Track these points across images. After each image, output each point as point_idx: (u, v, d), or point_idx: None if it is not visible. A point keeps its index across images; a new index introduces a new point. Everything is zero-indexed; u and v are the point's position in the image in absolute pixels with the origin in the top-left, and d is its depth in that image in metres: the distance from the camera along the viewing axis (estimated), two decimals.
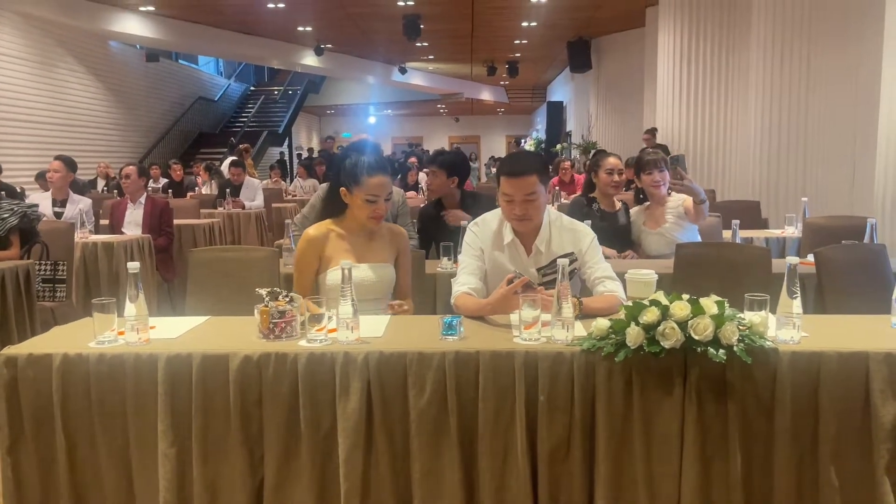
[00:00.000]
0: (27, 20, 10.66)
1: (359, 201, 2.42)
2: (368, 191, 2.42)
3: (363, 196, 2.41)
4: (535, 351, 1.92)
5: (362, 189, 2.42)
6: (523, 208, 2.44)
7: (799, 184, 7.03)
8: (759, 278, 2.94)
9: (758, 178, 7.21)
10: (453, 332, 2.02)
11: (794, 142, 7.01)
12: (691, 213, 3.65)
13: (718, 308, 1.86)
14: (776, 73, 7.01)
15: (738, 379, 1.86)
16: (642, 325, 1.86)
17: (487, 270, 2.56)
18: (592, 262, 2.50)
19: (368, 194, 2.41)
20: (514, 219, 2.48)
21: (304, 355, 1.94)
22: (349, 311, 1.99)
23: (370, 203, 2.44)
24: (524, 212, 2.44)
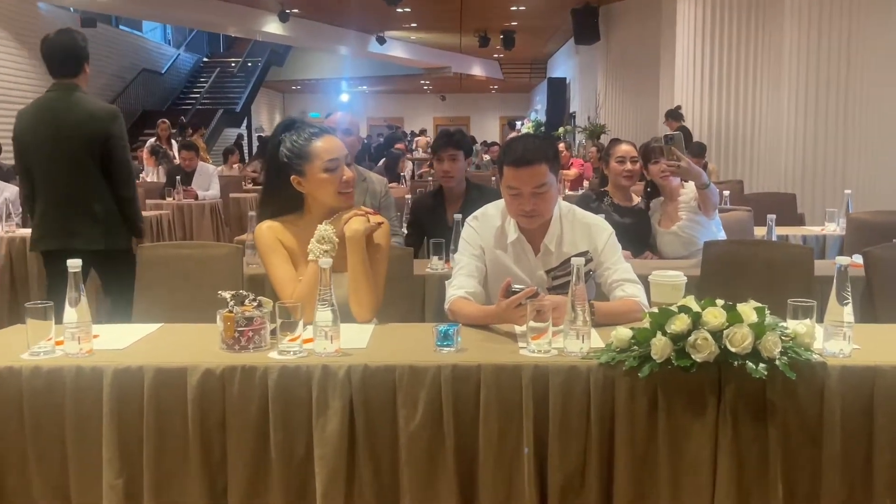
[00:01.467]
0: None
1: (317, 178, 2.36)
2: (322, 156, 2.36)
3: (319, 167, 2.36)
4: (545, 365, 1.92)
5: (314, 160, 2.36)
6: (532, 203, 2.43)
7: (839, 174, 7.09)
8: (800, 282, 2.96)
9: (792, 167, 7.27)
10: (449, 342, 2.02)
11: (834, 126, 7.08)
12: (702, 205, 3.66)
13: (758, 316, 1.86)
14: (813, 47, 7.06)
15: (780, 398, 1.86)
16: (670, 334, 1.86)
17: (488, 272, 2.56)
18: (610, 261, 2.50)
19: (324, 161, 2.36)
20: (520, 215, 2.47)
21: (276, 369, 1.93)
22: (328, 318, 1.98)
23: (331, 172, 2.37)
24: (533, 207, 2.44)
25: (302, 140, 2.38)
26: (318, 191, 2.39)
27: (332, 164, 2.38)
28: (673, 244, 3.81)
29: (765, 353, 1.83)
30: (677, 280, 2.26)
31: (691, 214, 3.76)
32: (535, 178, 2.41)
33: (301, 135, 2.39)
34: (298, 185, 2.39)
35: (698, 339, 1.84)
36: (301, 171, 2.37)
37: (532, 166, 2.40)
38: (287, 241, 2.42)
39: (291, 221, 2.45)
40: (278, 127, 2.47)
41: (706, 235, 3.72)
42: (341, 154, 2.41)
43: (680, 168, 3.42)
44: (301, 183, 2.39)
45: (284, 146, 2.39)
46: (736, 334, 1.83)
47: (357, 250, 2.35)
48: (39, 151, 3.62)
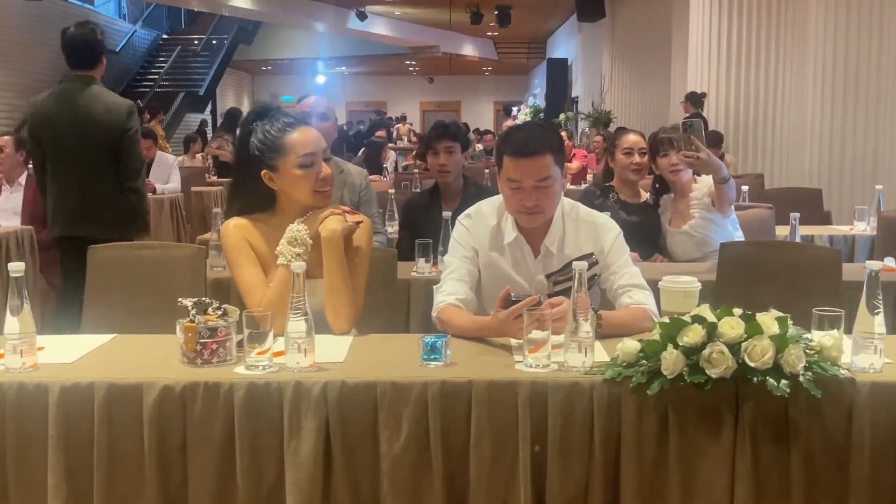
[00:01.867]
0: None
1: (291, 175, 2.36)
2: (297, 150, 2.35)
3: (294, 162, 2.35)
4: (543, 381, 1.92)
5: (288, 153, 2.35)
6: (534, 198, 2.43)
7: (870, 167, 7.13)
8: (827, 288, 2.98)
9: (817, 159, 7.31)
10: (437, 355, 2.02)
11: (864, 113, 7.11)
12: (717, 201, 3.66)
13: (780, 326, 1.87)
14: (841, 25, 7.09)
15: (804, 417, 1.87)
16: (682, 347, 1.87)
17: (482, 277, 2.56)
18: (617, 265, 2.51)
19: (299, 155, 2.35)
20: (522, 211, 2.48)
21: (243, 386, 1.92)
22: (301, 329, 1.98)
23: (307, 168, 2.37)
24: (535, 203, 2.44)
25: (275, 131, 2.37)
26: (292, 188, 2.39)
27: (309, 160, 2.37)
28: (685, 245, 3.83)
29: (787, 369, 1.84)
30: (690, 287, 2.26)
31: (704, 212, 3.77)
32: (539, 170, 2.41)
33: (274, 125, 2.38)
34: (270, 180, 2.38)
35: (713, 352, 1.85)
36: (273, 165, 2.36)
37: (535, 157, 2.41)
38: (256, 241, 2.42)
39: (261, 220, 2.44)
40: (249, 114, 2.46)
41: (721, 235, 3.73)
42: (318, 148, 2.41)
43: (699, 160, 3.36)
44: (273, 178, 2.38)
45: (255, 137, 2.38)
46: (755, 347, 1.84)
47: (334, 253, 2.34)
48: (57, 141, 4.05)
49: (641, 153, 3.94)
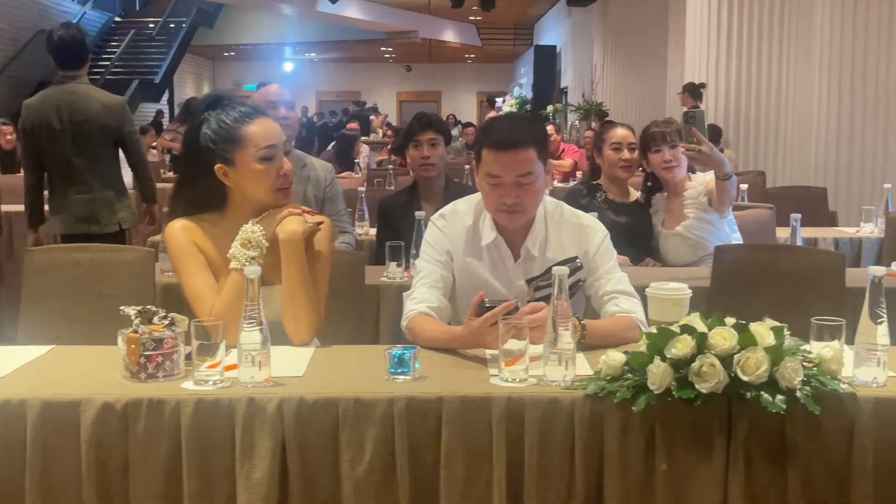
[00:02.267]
0: None
1: (250, 170, 2.34)
2: (257, 142, 2.34)
3: (253, 156, 2.33)
4: (520, 396, 1.92)
5: (247, 146, 2.33)
6: (515, 195, 2.44)
7: (879, 165, 7.18)
8: (830, 295, 3.00)
9: (823, 156, 7.35)
10: (405, 369, 2.01)
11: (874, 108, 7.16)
12: (715, 198, 3.68)
13: (776, 337, 1.88)
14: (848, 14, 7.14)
15: (801, 435, 1.88)
16: (671, 360, 1.87)
17: (456, 283, 2.56)
18: (603, 269, 2.52)
19: (259, 148, 2.34)
20: (501, 209, 2.48)
21: (191, 403, 1.91)
22: (256, 340, 1.97)
23: (267, 163, 2.35)
24: (516, 200, 2.44)
25: (231, 121, 2.36)
26: (250, 184, 2.37)
27: (270, 153, 2.36)
28: (678, 248, 3.84)
29: (783, 383, 1.85)
30: (679, 294, 2.27)
31: (700, 212, 3.79)
32: (521, 164, 2.42)
33: (230, 114, 2.37)
34: (224, 175, 2.36)
35: (704, 365, 1.85)
36: (229, 158, 2.35)
37: (517, 150, 2.42)
38: (205, 244, 2.40)
39: (211, 221, 2.43)
40: (201, 104, 2.44)
41: (718, 237, 3.75)
42: (279, 141, 2.40)
43: (701, 154, 3.39)
44: (228, 174, 2.36)
45: (208, 127, 2.37)
46: (749, 360, 1.84)
47: (294, 257, 2.33)
48: (54, 141, 4.54)
49: (631, 148, 3.95)
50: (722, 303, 2.91)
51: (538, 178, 2.45)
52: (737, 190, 3.92)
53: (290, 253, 2.33)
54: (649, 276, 2.86)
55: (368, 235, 4.59)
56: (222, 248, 2.37)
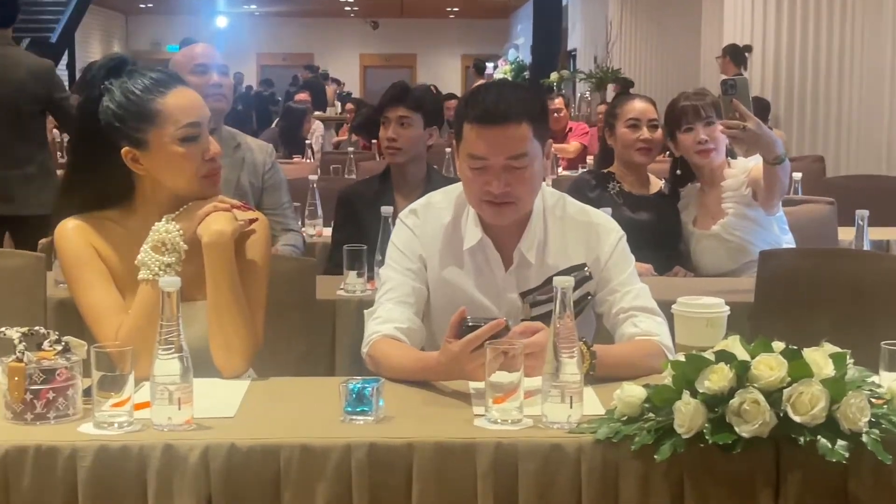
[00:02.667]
0: None
1: (167, 153, 2.33)
2: (177, 118, 2.33)
3: (172, 135, 2.32)
4: (512, 442, 1.92)
5: (164, 124, 2.32)
6: (504, 182, 2.43)
7: None
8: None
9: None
10: (366, 407, 2.01)
11: None
12: (762, 189, 3.66)
13: (836, 367, 1.87)
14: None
15: (868, 491, 1.87)
16: (703, 396, 1.87)
17: (432, 297, 2.56)
18: (618, 280, 2.53)
19: (179, 126, 2.33)
20: (486, 200, 2.47)
21: (90, 451, 1.89)
22: (174, 370, 1.96)
23: (190, 144, 2.34)
24: (506, 189, 2.44)
25: (142, 91, 2.35)
26: (166, 172, 2.37)
27: (193, 132, 2.35)
28: (714, 252, 3.86)
29: (846, 425, 1.84)
30: (714, 312, 2.25)
31: (742, 207, 3.80)
32: (511, 143, 2.42)
33: (140, 82, 2.36)
34: (133, 161, 2.36)
35: (746, 402, 1.84)
36: (139, 139, 2.34)
37: (507, 125, 2.42)
38: (107, 248, 2.39)
39: (115, 218, 2.42)
40: (100, 69, 2.42)
41: (764, 240, 3.76)
42: (204, 116, 2.40)
43: (746, 132, 3.32)
44: (138, 158, 2.35)
45: (112, 99, 2.35)
46: (802, 396, 1.83)
47: (221, 265, 2.32)
48: None
49: (651, 126, 3.96)
50: (768, 323, 2.91)
51: (534, 162, 2.45)
52: (789, 180, 3.93)
53: (216, 260, 2.32)
54: (677, 288, 2.86)
55: (322, 236, 4.58)
56: (129, 253, 2.36)
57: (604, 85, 14.04)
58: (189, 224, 2.34)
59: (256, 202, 3.81)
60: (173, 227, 2.32)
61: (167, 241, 2.31)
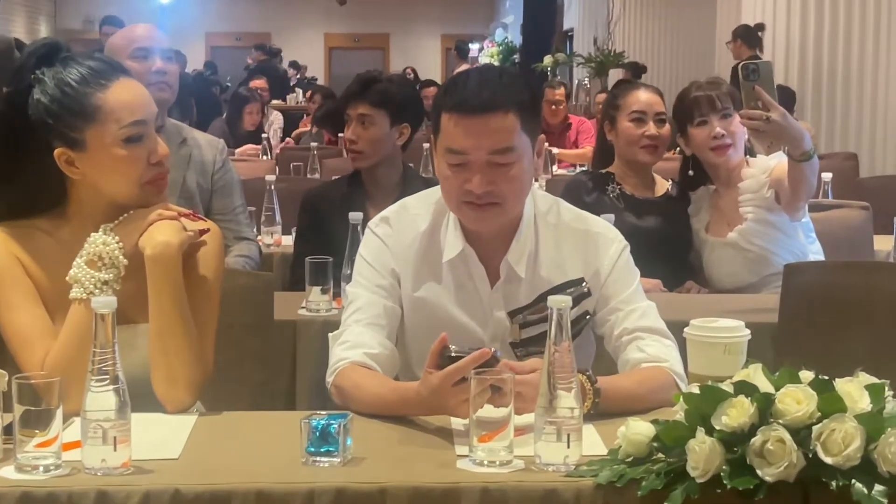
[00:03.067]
0: None
1: (109, 155, 2.33)
2: (119, 117, 2.33)
3: (114, 135, 2.32)
4: (500, 487, 1.91)
5: (105, 121, 2.32)
6: (487, 181, 2.43)
7: None
8: None
9: None
10: (332, 447, 2.00)
11: None
12: (786, 190, 3.67)
13: (873, 399, 1.87)
14: None
15: None
16: (721, 433, 1.86)
17: (406, 318, 2.56)
18: (620, 297, 2.53)
19: (123, 124, 2.33)
20: (467, 203, 2.47)
21: (11, 500, 1.88)
22: (109, 404, 1.95)
23: (134, 145, 2.34)
24: (489, 187, 2.44)
25: (78, 83, 2.35)
26: (106, 176, 2.37)
27: (137, 131, 2.36)
28: (731, 264, 3.87)
29: (884, 467, 1.83)
30: (733, 336, 2.25)
31: (763, 212, 3.81)
32: (496, 135, 2.42)
33: (76, 72, 2.36)
34: (68, 164, 2.36)
35: (769, 441, 1.84)
36: (76, 139, 2.34)
37: (491, 114, 2.42)
38: (34, 263, 2.39)
39: (43, 228, 2.42)
40: (29, 56, 2.42)
41: (789, 250, 3.78)
42: (150, 112, 2.41)
43: (770, 123, 3.30)
44: (73, 161, 2.35)
45: (43, 93, 2.35)
46: (834, 433, 1.83)
47: (166, 282, 2.32)
48: None
49: (658, 120, 3.98)
50: (795, 347, 2.92)
51: (522, 159, 2.45)
52: (818, 180, 3.93)
53: (160, 276, 2.31)
54: (690, 307, 2.87)
55: (281, 246, 4.58)
56: (60, 267, 2.35)
57: (605, 70, 14.07)
58: (130, 235, 2.33)
59: (205, 206, 3.81)
60: (111, 240, 2.31)
61: (104, 254, 2.30)
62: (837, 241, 4.06)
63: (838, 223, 4.21)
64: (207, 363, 2.39)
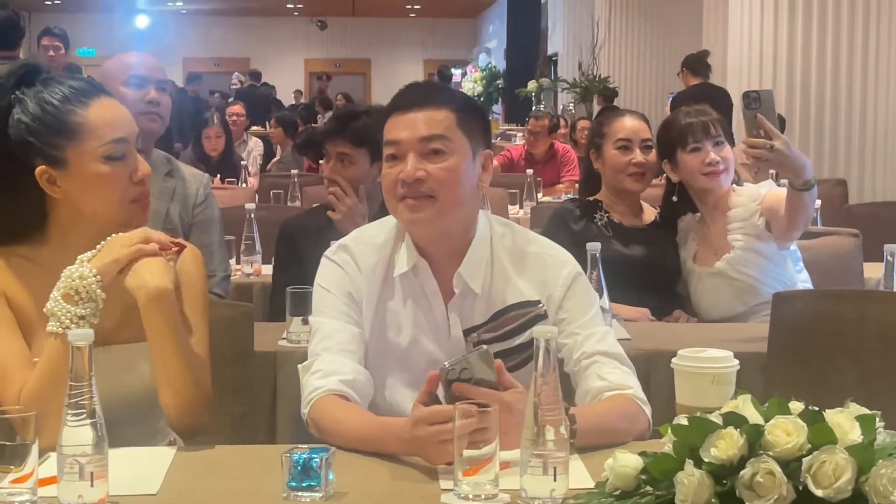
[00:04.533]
0: None
1: (90, 173, 2.35)
2: (102, 134, 2.35)
3: (96, 152, 2.34)
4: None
5: (87, 139, 2.34)
6: (419, 166, 2.47)
7: None
8: None
9: None
10: (314, 481, 2.00)
11: None
12: (780, 218, 3.69)
13: (864, 430, 1.87)
14: None
15: None
16: (710, 465, 1.86)
17: (368, 337, 2.57)
18: (578, 323, 2.55)
19: (105, 142, 2.35)
20: (402, 200, 2.50)
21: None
22: (86, 439, 1.94)
23: (116, 162, 2.36)
24: (419, 173, 2.46)
25: (60, 101, 2.36)
26: (88, 195, 2.38)
27: (119, 148, 2.37)
28: (718, 294, 3.88)
29: (875, 499, 1.83)
30: (721, 367, 2.26)
31: (752, 240, 3.83)
32: (428, 124, 2.49)
33: (57, 91, 2.37)
34: (49, 183, 2.36)
35: (759, 473, 1.83)
36: (57, 158, 2.35)
37: (426, 108, 2.51)
38: (14, 289, 2.39)
39: (23, 252, 2.42)
40: (9, 77, 2.41)
41: (776, 279, 3.79)
42: (131, 131, 2.42)
43: (773, 152, 3.32)
44: (55, 179, 2.36)
45: (24, 113, 2.35)
46: (825, 465, 1.83)
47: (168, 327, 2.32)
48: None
49: (645, 147, 3.99)
50: (784, 378, 2.92)
51: (456, 155, 2.49)
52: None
53: (161, 322, 2.31)
54: (678, 338, 2.87)
55: (261, 275, 4.56)
56: (40, 293, 2.35)
57: (590, 95, 14.11)
58: (109, 268, 2.31)
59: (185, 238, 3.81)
60: (88, 272, 2.29)
61: (81, 289, 2.28)
62: (827, 268, 4.07)
63: (828, 251, 4.22)
64: (208, 385, 2.42)
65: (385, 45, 29.43)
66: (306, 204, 6.46)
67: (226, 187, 7.65)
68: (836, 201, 6.20)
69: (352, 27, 29.02)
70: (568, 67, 17.24)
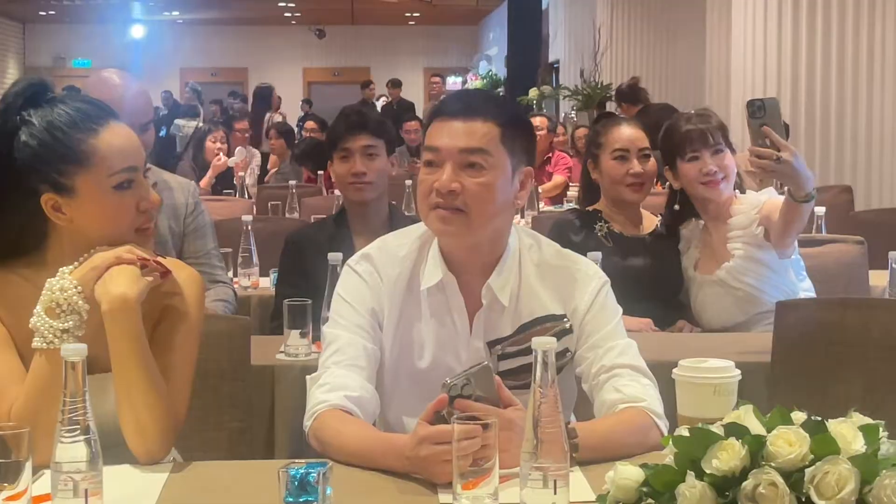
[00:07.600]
0: None
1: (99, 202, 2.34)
2: (111, 163, 2.33)
3: (106, 181, 2.33)
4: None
5: (97, 166, 2.32)
6: (455, 177, 2.46)
7: None
8: None
9: None
10: (311, 496, 1.98)
11: None
12: (778, 228, 3.68)
13: (867, 440, 1.87)
14: None
15: None
16: (711, 477, 1.86)
17: (386, 356, 2.56)
18: (600, 334, 2.54)
19: (115, 170, 2.34)
20: (434, 210, 2.49)
21: None
22: (80, 455, 1.94)
23: (125, 190, 2.35)
24: (454, 185, 2.45)
25: (69, 126, 2.34)
26: (96, 223, 2.36)
27: (128, 177, 2.37)
28: (719, 302, 3.88)
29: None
30: (723, 377, 2.25)
31: (752, 249, 3.83)
32: (471, 136, 2.48)
33: (66, 115, 2.35)
34: (55, 210, 2.35)
35: (761, 484, 1.83)
36: (65, 185, 2.33)
37: (471, 119, 2.50)
38: (8, 308, 2.38)
39: (21, 273, 2.41)
40: (16, 97, 2.39)
41: (777, 288, 3.80)
42: (140, 159, 2.42)
43: (780, 163, 3.29)
44: (61, 207, 2.34)
45: (31, 137, 2.34)
46: (828, 476, 1.82)
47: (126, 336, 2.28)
48: None
49: (643, 157, 3.99)
50: (787, 388, 2.91)
51: (496, 170, 2.49)
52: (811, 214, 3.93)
53: (120, 331, 2.28)
54: (680, 348, 2.87)
55: (258, 288, 4.56)
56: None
57: (592, 103, 14.08)
58: (87, 274, 2.30)
59: (178, 250, 3.81)
60: (69, 284, 2.28)
61: (62, 301, 2.27)
62: (832, 276, 4.06)
63: (833, 258, 4.21)
64: (179, 412, 2.36)
65: (385, 54, 29.32)
66: (305, 215, 6.47)
67: (223, 199, 7.63)
68: (841, 208, 6.18)
69: (350, 35, 28.97)
70: (570, 75, 17.21)
